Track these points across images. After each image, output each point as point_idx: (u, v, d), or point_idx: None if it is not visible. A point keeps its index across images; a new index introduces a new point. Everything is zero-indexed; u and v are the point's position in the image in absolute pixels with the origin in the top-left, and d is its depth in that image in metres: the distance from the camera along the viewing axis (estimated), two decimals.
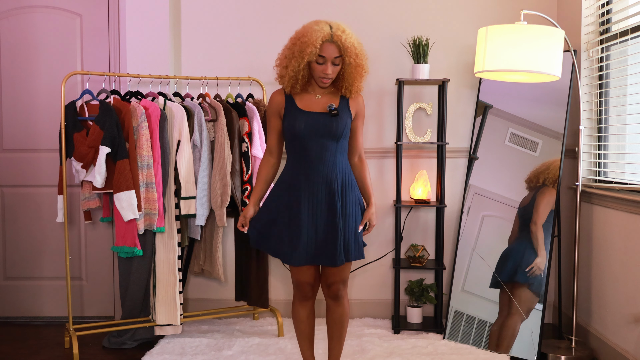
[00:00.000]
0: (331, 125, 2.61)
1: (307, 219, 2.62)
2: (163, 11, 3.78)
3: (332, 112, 2.60)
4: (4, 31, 3.93)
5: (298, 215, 2.62)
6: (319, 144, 2.61)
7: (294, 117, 2.64)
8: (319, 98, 2.67)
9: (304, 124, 2.61)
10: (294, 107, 2.66)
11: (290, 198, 2.65)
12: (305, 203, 2.62)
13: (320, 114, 2.63)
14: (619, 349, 3.09)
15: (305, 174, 2.63)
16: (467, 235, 3.67)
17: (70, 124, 3.28)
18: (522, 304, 3.38)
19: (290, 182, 2.66)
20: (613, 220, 3.17)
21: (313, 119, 2.62)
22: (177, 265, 3.39)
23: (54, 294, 4.01)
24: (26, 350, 3.47)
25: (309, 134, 2.60)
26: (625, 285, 3.05)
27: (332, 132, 2.61)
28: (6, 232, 4.01)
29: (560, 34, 2.97)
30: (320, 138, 2.61)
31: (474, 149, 3.77)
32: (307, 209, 2.62)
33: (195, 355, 3.30)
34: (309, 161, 2.63)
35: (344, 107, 2.68)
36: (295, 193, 2.64)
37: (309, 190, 2.63)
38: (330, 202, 2.63)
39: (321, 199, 2.63)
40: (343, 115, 2.65)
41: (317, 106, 2.65)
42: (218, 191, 3.42)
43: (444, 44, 3.94)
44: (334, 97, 2.69)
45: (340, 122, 2.63)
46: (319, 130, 2.60)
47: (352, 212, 2.68)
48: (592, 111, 3.51)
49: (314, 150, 2.62)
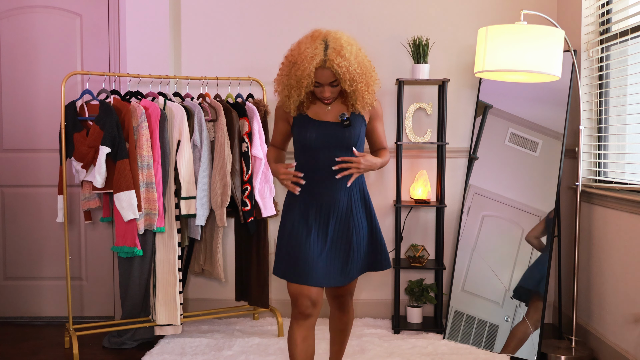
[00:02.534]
0: (343, 136, 2.48)
1: (317, 234, 2.49)
2: (163, 11, 3.78)
3: (344, 122, 2.47)
4: (4, 31, 3.93)
5: (308, 230, 2.49)
6: (330, 155, 2.48)
7: (304, 126, 2.51)
8: (329, 109, 2.54)
9: (315, 134, 2.48)
10: (304, 116, 2.53)
11: (300, 211, 2.53)
12: (315, 217, 2.50)
13: (331, 124, 2.49)
14: (619, 349, 3.09)
15: (315, 186, 2.51)
16: (467, 235, 3.67)
17: (70, 124, 3.28)
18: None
19: (300, 195, 2.54)
20: (613, 220, 3.17)
21: (324, 129, 2.49)
22: (177, 265, 3.39)
23: (54, 294, 4.01)
24: (26, 350, 3.47)
25: (320, 145, 2.48)
26: (625, 285, 3.05)
27: (344, 143, 2.48)
28: (6, 232, 4.01)
29: (560, 34, 2.97)
30: (333, 149, 2.48)
31: (474, 149, 3.77)
32: (317, 224, 2.50)
33: (195, 355, 3.30)
34: (319, 172, 2.50)
35: (356, 114, 2.55)
36: (304, 206, 2.52)
37: (319, 203, 2.51)
38: (342, 216, 2.52)
39: (332, 213, 2.51)
40: (356, 124, 2.51)
41: (328, 115, 2.52)
42: (218, 191, 3.42)
43: (444, 44, 3.94)
44: (343, 107, 2.55)
45: (354, 131, 2.50)
46: (331, 142, 2.47)
47: (369, 225, 2.57)
48: (592, 111, 3.51)
49: (325, 162, 2.48)
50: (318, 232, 2.50)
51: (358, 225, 2.54)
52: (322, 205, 2.51)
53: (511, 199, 3.57)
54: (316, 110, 2.54)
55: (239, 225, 3.78)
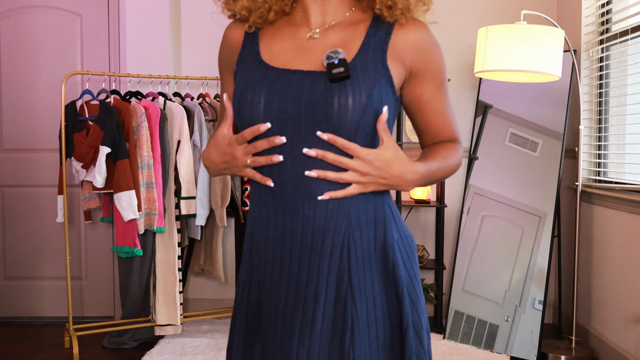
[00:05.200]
0: (331, 102, 1.13)
1: (273, 329, 1.21)
2: (163, 11, 3.78)
3: (332, 68, 1.14)
4: (4, 31, 3.93)
5: (258, 319, 1.24)
6: (301, 148, 1.15)
7: (248, 80, 1.21)
8: (313, 37, 1.22)
9: (265, 98, 1.17)
10: (253, 58, 1.25)
11: (249, 281, 1.27)
12: (269, 293, 1.22)
13: (308, 76, 1.17)
14: (619, 349, 3.09)
15: (275, 225, 1.20)
16: (467, 235, 3.67)
17: (70, 124, 3.28)
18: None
19: (249, 246, 1.27)
20: (613, 220, 3.17)
21: (288, 87, 1.16)
22: (177, 265, 3.39)
23: (54, 294, 4.01)
24: (26, 350, 3.47)
25: (279, 124, 1.16)
26: (625, 285, 3.05)
27: (332, 122, 1.13)
28: (6, 232, 4.01)
29: (560, 34, 2.97)
30: (306, 135, 1.15)
31: (474, 149, 3.77)
32: (273, 305, 1.21)
33: (195, 355, 3.30)
34: (281, 194, 1.18)
35: (372, 54, 1.19)
36: (248, 275, 1.27)
37: (280, 264, 1.20)
38: (335, 298, 1.18)
39: (308, 285, 1.18)
40: (365, 74, 1.16)
41: (308, 55, 1.20)
42: (218, 191, 3.42)
43: (444, 44, 3.93)
44: (349, 33, 1.22)
45: (356, 91, 1.14)
46: (302, 117, 1.14)
47: (392, 319, 1.22)
48: (592, 111, 3.51)
49: (292, 165, 1.16)
50: (276, 321, 1.20)
51: (367, 322, 1.19)
52: (283, 272, 1.20)
53: (511, 199, 3.57)
54: (281, 46, 1.23)
55: (239, 225, 3.78)
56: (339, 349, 1.16)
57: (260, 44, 1.25)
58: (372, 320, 1.18)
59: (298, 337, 1.15)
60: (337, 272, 1.17)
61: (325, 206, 1.16)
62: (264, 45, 1.25)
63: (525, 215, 3.50)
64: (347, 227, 1.17)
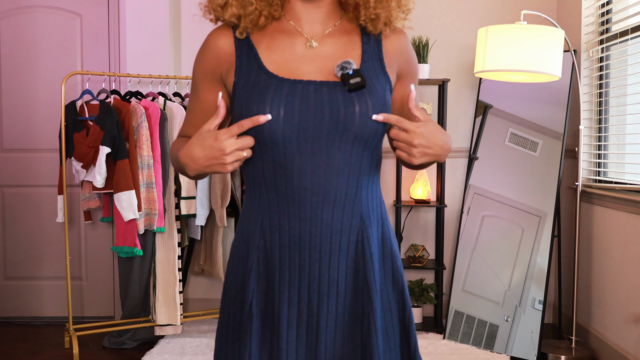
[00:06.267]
0: (352, 111, 1.19)
1: (296, 332, 1.24)
2: (163, 11, 3.78)
3: (349, 79, 1.18)
4: (4, 31, 3.93)
5: (277, 322, 1.24)
6: (321, 158, 1.20)
7: (257, 91, 1.20)
8: (311, 45, 1.25)
9: (286, 110, 1.18)
10: (257, 69, 1.23)
11: (263, 290, 1.27)
12: (289, 297, 1.24)
13: (322, 86, 1.20)
14: (619, 349, 3.09)
15: (289, 232, 1.22)
16: (467, 235, 3.67)
17: (70, 124, 3.28)
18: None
19: (256, 256, 1.26)
20: (613, 220, 3.17)
21: (307, 98, 1.19)
22: (177, 265, 3.39)
23: (54, 294, 4.01)
24: (26, 350, 3.47)
25: (296, 136, 1.19)
26: (625, 285, 3.05)
27: (352, 133, 1.19)
28: (6, 232, 4.01)
29: (560, 34, 2.97)
30: (324, 148, 1.20)
31: (474, 149, 3.77)
32: (295, 310, 1.24)
33: (195, 355, 3.30)
34: (299, 201, 1.21)
35: (373, 63, 1.27)
36: (268, 281, 1.26)
37: (299, 269, 1.24)
38: (353, 291, 1.26)
39: (330, 285, 1.24)
40: (375, 82, 1.24)
41: (311, 65, 1.23)
42: (218, 191, 3.42)
43: (444, 44, 3.94)
44: (346, 43, 1.27)
45: (373, 99, 1.21)
46: (323, 129, 1.18)
47: (401, 321, 1.32)
48: (592, 111, 3.51)
49: (311, 176, 1.20)
50: (296, 323, 1.24)
51: (384, 323, 1.29)
52: (306, 270, 1.23)
53: (511, 199, 3.57)
54: (282, 54, 1.24)
55: None
56: (361, 339, 1.25)
57: (260, 54, 1.25)
58: (387, 309, 1.29)
59: (325, 335, 1.24)
60: (353, 266, 1.26)
61: (342, 209, 1.23)
62: (264, 55, 1.25)
63: (525, 215, 3.51)
64: (361, 226, 1.25)
